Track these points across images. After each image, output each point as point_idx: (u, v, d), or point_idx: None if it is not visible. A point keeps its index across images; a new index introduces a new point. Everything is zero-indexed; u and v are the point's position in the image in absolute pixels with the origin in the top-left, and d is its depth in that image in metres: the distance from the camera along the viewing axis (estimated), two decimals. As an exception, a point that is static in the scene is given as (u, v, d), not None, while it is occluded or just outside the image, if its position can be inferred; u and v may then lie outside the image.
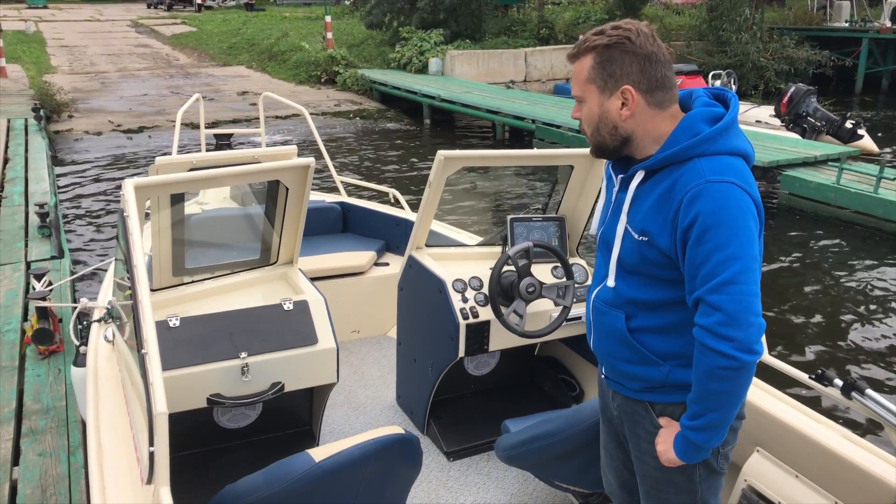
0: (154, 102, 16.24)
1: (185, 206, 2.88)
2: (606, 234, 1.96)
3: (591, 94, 1.84)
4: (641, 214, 1.83)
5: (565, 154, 3.26)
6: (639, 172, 1.85)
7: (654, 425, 1.95)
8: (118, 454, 2.25)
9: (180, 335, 2.65)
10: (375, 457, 1.95)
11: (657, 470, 1.96)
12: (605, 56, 1.79)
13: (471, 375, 3.63)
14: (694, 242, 1.71)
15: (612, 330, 1.95)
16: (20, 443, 3.66)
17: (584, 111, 1.88)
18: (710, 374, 1.71)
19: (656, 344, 1.89)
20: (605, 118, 1.84)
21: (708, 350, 1.70)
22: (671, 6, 23.83)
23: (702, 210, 1.69)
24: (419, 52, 18.38)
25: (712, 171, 1.72)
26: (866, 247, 8.28)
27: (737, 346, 1.66)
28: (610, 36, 1.78)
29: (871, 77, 20.12)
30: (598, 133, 1.87)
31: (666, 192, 1.78)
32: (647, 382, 1.93)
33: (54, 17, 34.48)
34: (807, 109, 11.61)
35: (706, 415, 1.77)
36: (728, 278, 1.67)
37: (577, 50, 1.85)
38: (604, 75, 1.80)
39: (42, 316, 4.43)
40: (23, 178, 8.52)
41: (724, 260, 1.67)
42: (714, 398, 1.74)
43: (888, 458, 2.25)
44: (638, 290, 1.88)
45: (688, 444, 1.82)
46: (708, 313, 1.70)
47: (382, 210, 4.76)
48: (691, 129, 1.78)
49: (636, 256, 1.85)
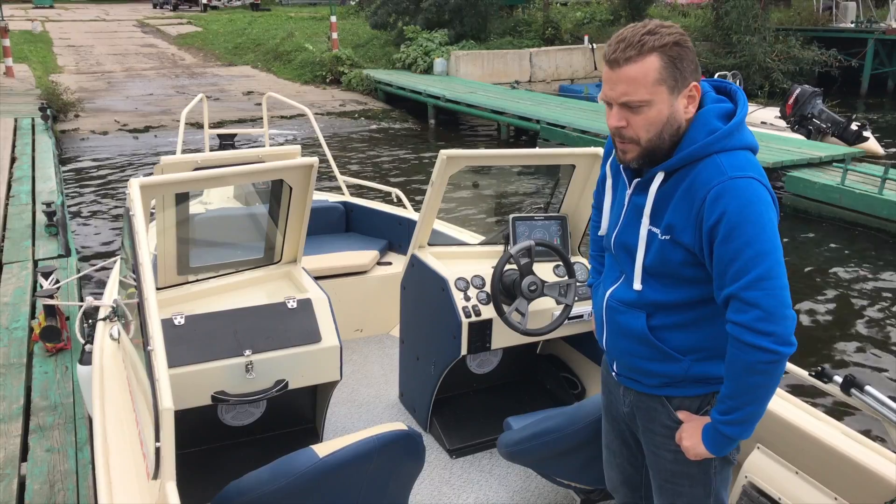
0: (160, 102, 16.29)
1: (189, 206, 2.90)
2: (624, 238, 1.94)
3: (661, 95, 1.74)
4: (663, 214, 1.83)
5: (567, 153, 3.28)
6: (658, 174, 1.84)
7: (673, 419, 1.95)
8: (124, 450, 2.27)
9: (185, 333, 2.67)
10: (379, 453, 1.97)
11: (673, 463, 1.97)
12: (674, 54, 1.73)
13: (473, 373, 3.65)
14: (722, 240, 1.71)
15: (630, 329, 1.95)
16: (28, 439, 3.69)
17: (649, 115, 1.75)
18: (750, 368, 1.73)
19: (676, 340, 1.90)
20: (672, 119, 1.77)
21: (746, 346, 1.71)
22: (677, 7, 23.81)
23: (728, 207, 1.70)
24: (424, 53, 18.40)
25: (733, 168, 1.73)
26: (870, 247, 8.27)
27: (775, 341, 1.69)
28: (671, 34, 1.73)
29: (876, 78, 20.06)
30: (660, 136, 1.78)
31: (687, 189, 1.78)
32: (666, 378, 1.93)
33: (61, 16, 34.60)
34: (812, 111, 11.58)
35: (742, 409, 1.78)
36: (761, 274, 1.69)
37: (636, 51, 1.71)
38: (675, 74, 1.74)
39: (49, 314, 4.46)
40: (30, 177, 8.57)
41: (755, 256, 1.69)
42: (751, 392, 1.76)
43: (887, 455, 2.27)
44: (662, 292, 1.88)
45: (721, 437, 1.83)
46: (743, 310, 1.71)
47: (385, 209, 4.78)
48: (707, 125, 1.79)
49: (660, 259, 1.85)
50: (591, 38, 19.24)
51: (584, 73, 18.75)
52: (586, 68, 18.87)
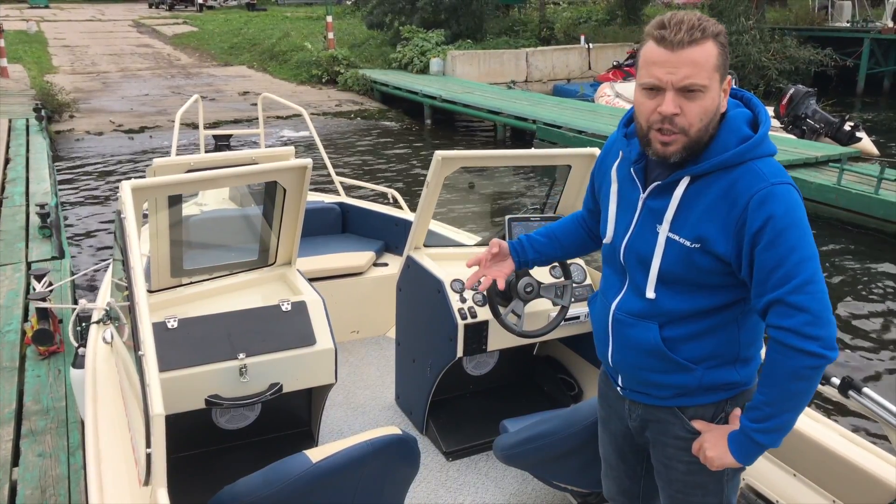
0: (155, 102, 16.26)
1: (183, 208, 2.88)
2: (637, 245, 1.86)
3: (716, 83, 1.70)
4: (693, 221, 1.76)
5: (563, 154, 3.26)
6: (684, 178, 1.77)
7: (687, 430, 1.90)
8: (116, 456, 2.25)
9: (178, 336, 2.65)
10: (373, 457, 1.95)
11: (686, 474, 1.93)
12: (724, 42, 1.70)
13: (469, 375, 3.63)
14: (766, 245, 1.68)
15: (640, 342, 1.87)
16: (20, 443, 3.67)
17: (704, 103, 1.69)
18: (795, 374, 1.69)
19: (689, 350, 1.84)
20: (718, 109, 1.74)
21: (793, 351, 1.67)
22: (673, 6, 23.86)
23: (774, 213, 1.67)
24: (420, 53, 18.38)
25: (772, 174, 1.71)
26: (866, 247, 8.27)
27: (823, 345, 1.67)
28: (716, 24, 1.70)
29: (872, 77, 20.07)
30: (707, 128, 1.73)
31: (722, 195, 1.73)
32: (678, 390, 1.88)
33: (56, 16, 34.55)
34: (806, 111, 11.58)
35: (780, 416, 1.73)
36: (808, 278, 1.67)
37: (700, 34, 1.66)
38: (726, 63, 1.71)
39: (42, 317, 4.44)
40: (24, 178, 8.54)
41: (801, 261, 1.68)
42: (792, 398, 1.72)
43: (886, 457, 2.26)
44: (679, 300, 1.82)
45: (753, 445, 1.77)
46: (790, 314, 1.68)
47: (381, 210, 4.76)
48: (739, 132, 1.75)
49: (683, 265, 1.79)
50: (588, 38, 19.24)
51: (580, 73, 18.75)
52: (582, 68, 18.88)
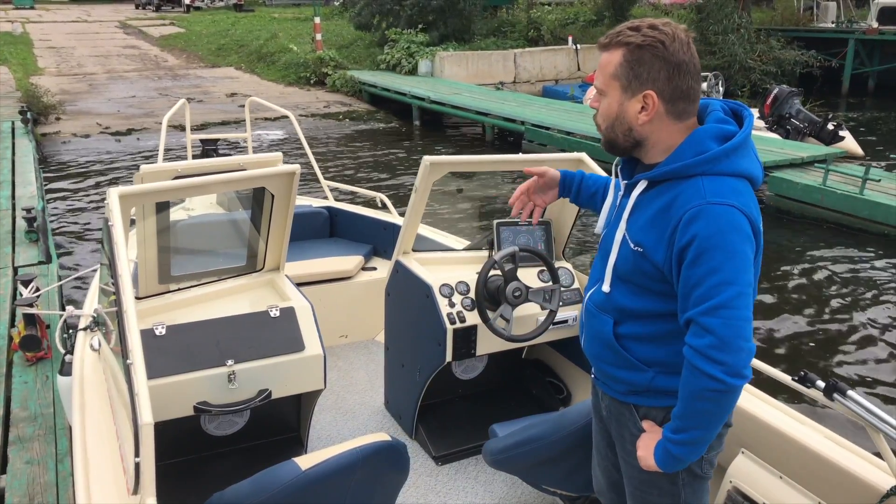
0: (142, 104, 16.16)
1: (170, 213, 2.88)
2: (606, 239, 1.97)
3: (614, 90, 1.80)
4: (639, 225, 1.83)
5: (551, 158, 3.28)
6: (641, 182, 1.84)
7: (638, 428, 1.97)
8: (105, 464, 2.24)
9: (166, 343, 2.64)
10: (362, 464, 1.95)
11: (641, 472, 1.97)
12: (635, 56, 1.74)
13: (458, 380, 3.64)
14: (689, 263, 1.71)
15: (599, 333, 1.97)
16: (7, 450, 3.64)
17: (604, 105, 1.84)
18: (698, 394, 1.72)
19: (641, 351, 1.91)
20: (622, 118, 1.81)
21: (697, 371, 1.70)
22: (660, 7, 23.94)
23: (699, 232, 1.68)
24: (408, 54, 18.37)
25: (713, 193, 1.70)
26: (851, 248, 8.34)
27: (726, 371, 1.67)
28: (645, 36, 1.73)
29: (857, 78, 20.27)
30: (613, 130, 1.84)
31: (665, 207, 1.77)
32: (631, 386, 1.95)
33: (41, 18, 34.24)
34: (790, 111, 11.68)
35: (688, 431, 1.78)
36: (721, 302, 1.67)
37: (609, 41, 1.79)
38: (630, 75, 1.76)
39: (29, 322, 4.40)
40: (10, 181, 8.46)
41: (719, 284, 1.67)
42: (698, 417, 1.76)
43: (870, 459, 2.29)
44: (629, 298, 1.89)
45: (668, 454, 1.84)
46: (699, 335, 1.70)
47: (370, 214, 4.76)
48: (699, 145, 1.76)
49: (630, 265, 1.85)
50: (576, 39, 19.29)
51: (569, 74, 18.80)
52: (570, 69, 18.92)
